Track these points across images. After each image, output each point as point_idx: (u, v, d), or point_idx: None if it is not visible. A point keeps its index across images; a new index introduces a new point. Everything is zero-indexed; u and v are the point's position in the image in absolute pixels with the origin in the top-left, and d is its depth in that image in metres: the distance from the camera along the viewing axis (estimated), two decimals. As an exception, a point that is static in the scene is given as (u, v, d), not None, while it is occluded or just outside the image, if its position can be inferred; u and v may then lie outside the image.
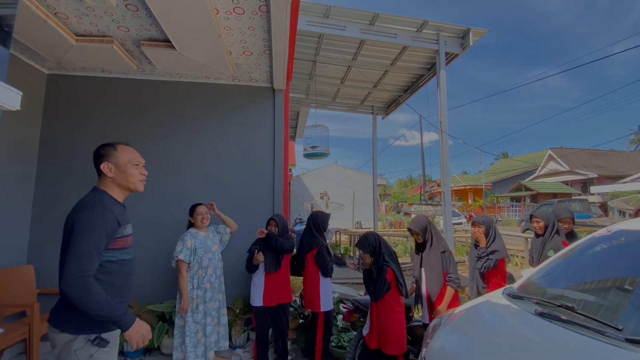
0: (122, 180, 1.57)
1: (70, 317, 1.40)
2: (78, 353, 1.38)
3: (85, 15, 2.71)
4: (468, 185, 31.89)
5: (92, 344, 1.40)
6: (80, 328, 1.40)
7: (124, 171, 1.57)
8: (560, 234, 3.17)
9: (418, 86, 6.30)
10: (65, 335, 1.40)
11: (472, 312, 2.24)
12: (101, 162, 1.55)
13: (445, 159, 4.66)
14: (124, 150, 1.59)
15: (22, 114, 3.49)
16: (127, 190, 1.62)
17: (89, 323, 1.41)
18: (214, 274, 3.06)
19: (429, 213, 11.88)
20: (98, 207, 1.46)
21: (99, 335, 1.41)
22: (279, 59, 3.35)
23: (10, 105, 0.77)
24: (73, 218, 1.44)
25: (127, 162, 1.57)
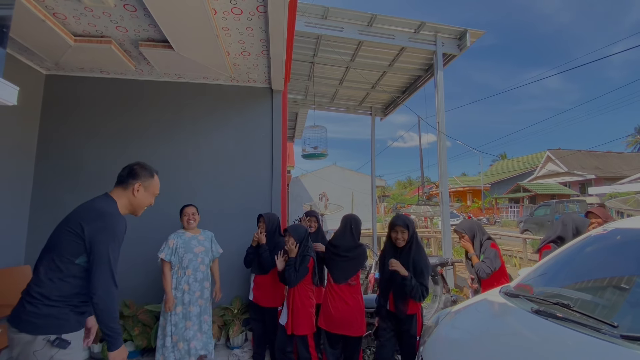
0: (138, 203, 1.64)
1: (30, 317, 1.36)
2: (37, 355, 1.34)
3: (84, 16, 2.72)
4: (467, 187, 31.93)
5: (52, 345, 1.35)
6: (39, 328, 1.36)
7: (145, 198, 1.66)
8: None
9: (416, 87, 6.33)
10: (24, 336, 1.35)
11: (470, 310, 2.25)
12: (137, 180, 1.62)
13: (443, 160, 4.67)
14: (156, 181, 1.71)
15: (20, 114, 3.50)
16: (132, 211, 1.67)
17: (48, 323, 1.37)
18: (192, 276, 2.92)
19: (428, 214, 11.89)
20: (117, 216, 1.54)
21: (59, 336, 1.38)
22: (277, 60, 3.36)
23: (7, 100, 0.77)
24: (95, 227, 1.44)
25: (153, 192, 1.69)
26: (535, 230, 13.71)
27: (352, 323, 2.51)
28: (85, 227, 1.44)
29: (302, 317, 2.62)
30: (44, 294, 1.40)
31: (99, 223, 1.45)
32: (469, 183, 33.34)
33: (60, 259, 1.43)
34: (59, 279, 1.42)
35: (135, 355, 3.29)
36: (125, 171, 1.63)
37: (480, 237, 2.79)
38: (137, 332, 3.21)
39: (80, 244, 1.44)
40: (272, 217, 3.16)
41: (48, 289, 1.41)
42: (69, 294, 1.44)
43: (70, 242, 1.44)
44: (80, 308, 1.48)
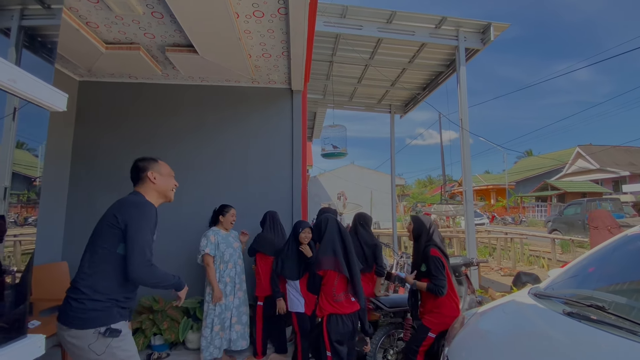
0: (163, 188, 1.74)
1: (77, 313, 1.44)
2: (93, 347, 1.41)
3: (114, 24, 2.85)
4: (490, 185, 30.97)
5: (105, 336, 1.43)
6: (87, 322, 1.43)
7: (165, 182, 1.75)
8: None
9: (437, 83, 6.20)
10: (75, 332, 1.42)
11: (496, 312, 2.19)
12: (146, 170, 1.70)
13: (466, 157, 4.56)
14: (163, 163, 1.80)
15: (56, 120, 3.71)
16: (164, 198, 1.77)
17: (94, 316, 1.44)
18: (233, 269, 3.17)
19: (450, 213, 11.64)
20: (148, 204, 1.65)
21: (109, 327, 1.45)
22: (297, 60, 3.40)
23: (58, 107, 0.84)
24: (127, 214, 1.55)
25: (168, 173, 1.79)
26: (565, 230, 13.11)
27: None
28: (119, 217, 1.54)
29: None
30: (88, 288, 1.48)
31: (132, 210, 1.57)
32: (492, 181, 32.32)
33: (102, 250, 1.53)
34: (102, 270, 1.51)
35: (164, 348, 3.42)
36: (132, 173, 1.73)
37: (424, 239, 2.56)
38: (166, 326, 3.34)
39: (117, 233, 1.53)
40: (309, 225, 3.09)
41: (92, 282, 1.49)
42: (113, 288, 1.52)
43: (108, 234, 1.54)
44: (123, 303, 1.56)
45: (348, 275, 2.25)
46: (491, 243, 11.48)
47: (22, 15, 0.84)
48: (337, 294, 2.24)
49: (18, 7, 0.85)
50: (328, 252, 2.29)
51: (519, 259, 9.55)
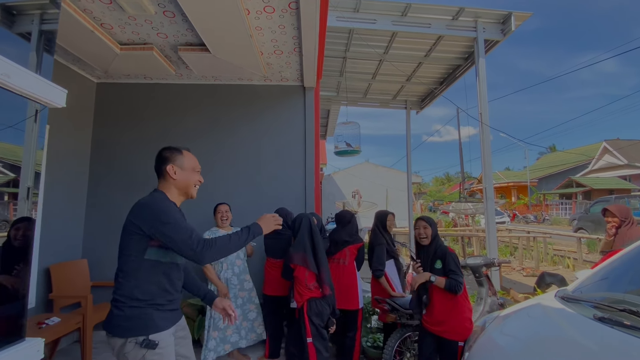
0: (183, 184, 1.58)
1: (118, 320, 1.41)
2: (128, 356, 1.39)
3: (128, 25, 2.88)
4: (511, 182, 30.03)
5: (141, 347, 1.38)
6: (127, 330, 1.40)
7: (187, 175, 1.58)
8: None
9: (455, 77, 6.00)
10: (117, 340, 1.41)
11: (521, 315, 2.07)
12: (167, 164, 1.56)
13: (486, 153, 4.37)
14: (188, 155, 1.62)
15: (75, 121, 3.80)
16: (185, 195, 1.62)
17: (134, 325, 1.41)
18: (229, 269, 3.10)
19: (469, 212, 11.32)
20: (157, 198, 1.51)
21: (147, 337, 1.40)
22: (309, 56, 3.34)
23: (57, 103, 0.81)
24: (142, 219, 1.44)
25: (190, 167, 1.61)
26: (592, 229, 12.51)
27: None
28: (136, 223, 1.44)
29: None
30: (125, 295, 1.44)
31: (144, 213, 1.46)
32: (513, 178, 31.33)
33: (131, 258, 1.46)
34: (135, 277, 1.44)
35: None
36: (155, 163, 1.60)
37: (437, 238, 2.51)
38: (181, 324, 3.36)
39: (139, 239, 1.44)
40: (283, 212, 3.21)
41: (127, 289, 1.44)
42: (151, 293, 1.45)
43: (132, 241, 1.46)
44: (165, 306, 1.48)
45: (315, 271, 2.53)
46: (512, 242, 11.10)
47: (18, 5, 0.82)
48: (308, 283, 2.52)
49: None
50: (299, 249, 2.58)
51: (542, 259, 9.18)
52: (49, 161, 3.39)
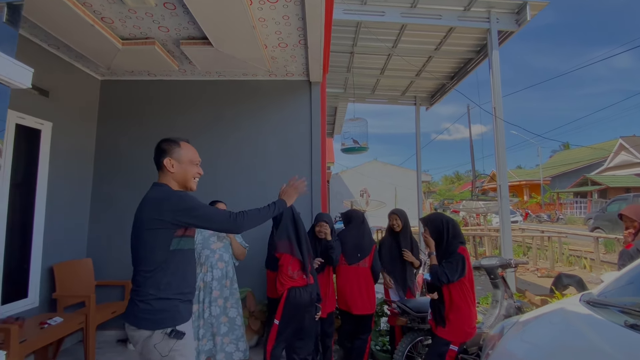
0: (180, 177, 1.58)
1: (146, 314, 1.42)
2: (158, 347, 1.41)
3: (128, 18, 2.80)
4: (523, 181, 29.36)
5: (170, 337, 1.41)
6: (156, 323, 1.42)
7: (184, 168, 1.57)
8: None
9: (466, 71, 5.80)
10: (143, 332, 1.42)
11: (543, 322, 1.92)
12: (164, 157, 1.55)
13: (500, 149, 4.17)
14: (186, 147, 1.61)
15: (79, 118, 3.76)
16: (184, 188, 1.61)
17: (163, 317, 1.43)
18: (209, 272, 2.80)
19: (480, 210, 11.05)
20: (175, 191, 1.54)
21: (175, 328, 1.43)
22: (314, 49, 3.22)
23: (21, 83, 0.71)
24: (166, 210, 1.44)
25: (188, 159, 1.59)
26: (609, 228, 12.07)
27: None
28: (164, 217, 1.44)
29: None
30: (153, 288, 1.44)
31: (168, 205, 1.45)
32: (525, 176, 30.64)
33: (155, 253, 1.45)
34: (162, 269, 1.45)
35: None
36: (155, 154, 1.59)
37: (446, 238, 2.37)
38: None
39: (167, 231, 1.45)
40: (330, 218, 3.08)
41: (154, 281, 1.44)
42: (177, 283, 1.48)
43: (158, 235, 1.45)
44: (188, 296, 1.53)
45: (300, 258, 2.55)
46: (525, 242, 10.79)
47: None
48: (292, 271, 2.56)
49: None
50: (283, 237, 2.60)
51: (558, 259, 8.88)
52: (53, 158, 3.35)
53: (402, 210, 3.23)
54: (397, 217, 3.14)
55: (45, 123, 3.28)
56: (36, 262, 3.16)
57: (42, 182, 3.25)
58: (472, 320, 2.31)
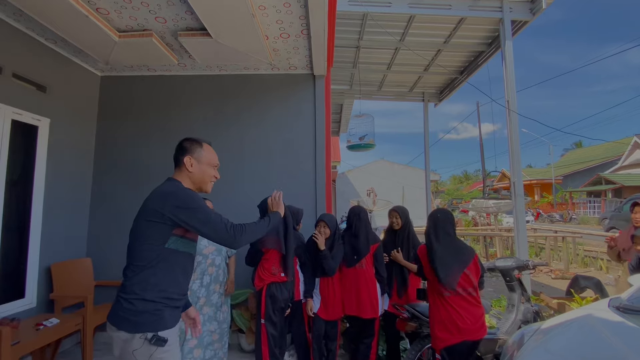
0: (198, 178, 1.55)
1: (128, 314, 1.32)
2: (136, 354, 1.30)
3: (124, 9, 2.70)
4: (534, 180, 28.76)
5: (150, 343, 1.30)
6: (137, 325, 1.32)
7: (203, 169, 1.56)
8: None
9: (477, 65, 5.58)
10: (122, 334, 1.32)
11: (569, 329, 1.74)
12: (185, 154, 1.53)
13: (514, 144, 3.96)
14: (208, 149, 1.60)
15: (78, 115, 3.68)
16: (198, 190, 1.59)
17: (144, 320, 1.32)
18: (199, 280, 2.66)
19: (490, 210, 10.76)
20: (186, 189, 1.49)
21: (156, 334, 1.32)
22: (317, 40, 3.07)
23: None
24: (169, 207, 1.38)
25: (208, 161, 1.58)
26: (625, 228, 11.66)
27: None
28: (161, 211, 1.37)
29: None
30: (139, 287, 1.35)
31: (172, 200, 1.39)
32: (536, 176, 30.00)
33: (148, 247, 1.38)
34: (151, 267, 1.36)
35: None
36: (176, 151, 1.57)
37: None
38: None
39: (163, 227, 1.38)
40: (333, 220, 2.87)
41: (140, 279, 1.36)
42: (165, 285, 1.38)
43: (151, 230, 1.39)
44: (175, 302, 1.43)
45: (284, 253, 2.57)
46: (538, 242, 10.48)
47: None
48: (275, 268, 2.57)
49: None
50: (272, 233, 2.53)
51: (572, 260, 8.58)
52: (51, 155, 3.27)
53: (403, 208, 3.06)
54: (397, 215, 2.98)
55: (42, 119, 3.20)
56: (33, 262, 3.08)
57: (40, 179, 3.17)
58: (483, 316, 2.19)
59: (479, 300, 2.15)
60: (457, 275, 2.10)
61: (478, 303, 2.13)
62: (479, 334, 2.10)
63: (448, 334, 2.09)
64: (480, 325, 2.11)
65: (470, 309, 2.10)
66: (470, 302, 2.11)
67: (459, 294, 2.10)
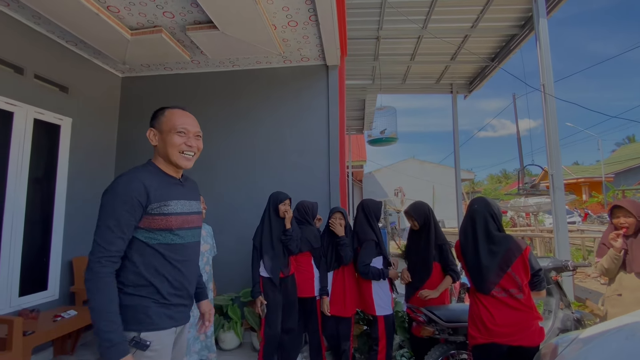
0: (162, 151, 1.30)
1: None
2: None
3: (132, 5, 2.72)
4: (581, 178, 26.46)
5: (129, 345, 1.14)
6: None
7: (164, 139, 1.29)
8: None
9: (509, 50, 5.13)
10: None
11: (616, 340, 1.44)
12: (150, 129, 1.33)
13: (552, 132, 3.52)
14: (172, 115, 1.32)
15: (101, 115, 3.81)
16: (171, 164, 1.32)
17: (126, 316, 1.15)
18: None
19: (530, 209, 9.97)
20: (124, 178, 1.23)
21: (138, 335, 1.16)
22: (326, 25, 2.93)
23: None
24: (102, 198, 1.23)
25: (170, 128, 1.29)
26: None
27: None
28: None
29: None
30: (122, 278, 1.21)
31: (104, 195, 1.22)
32: (583, 173, 27.62)
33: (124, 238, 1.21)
34: (130, 258, 1.21)
35: (198, 347, 3.24)
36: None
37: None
38: (196, 324, 3.15)
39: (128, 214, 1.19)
40: (345, 212, 2.84)
41: (123, 273, 1.21)
42: (149, 278, 1.22)
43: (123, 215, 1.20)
44: (168, 300, 1.24)
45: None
46: (586, 245, 9.51)
47: None
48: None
49: None
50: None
51: (627, 265, 7.65)
52: (73, 153, 3.39)
53: (417, 207, 2.70)
54: (411, 217, 2.66)
55: (64, 119, 3.33)
56: (56, 256, 3.20)
57: (62, 176, 3.30)
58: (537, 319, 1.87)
59: (527, 303, 1.79)
60: (496, 278, 1.79)
61: (523, 306, 1.78)
62: (521, 339, 1.76)
63: (476, 332, 1.84)
64: (518, 330, 1.76)
65: (506, 311, 1.78)
66: (508, 304, 1.78)
67: (494, 296, 1.80)
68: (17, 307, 2.80)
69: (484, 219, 1.89)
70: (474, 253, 1.87)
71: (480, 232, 1.88)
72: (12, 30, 2.85)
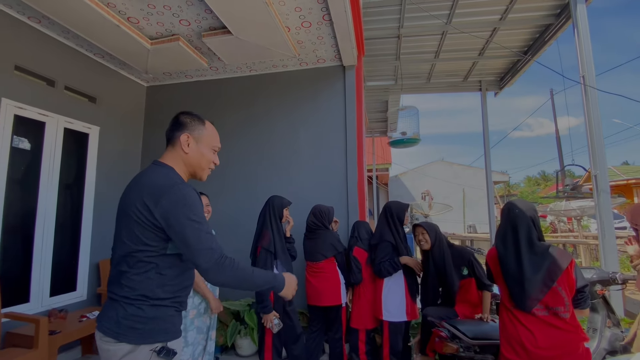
0: (194, 161, 1.27)
1: (133, 322, 1.11)
2: None
3: (150, 15, 2.80)
4: (632, 179, 24.17)
5: (158, 356, 1.12)
6: (144, 335, 1.11)
7: (202, 152, 1.28)
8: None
9: (544, 42, 4.74)
10: (124, 346, 1.10)
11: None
12: (182, 131, 1.25)
13: (595, 128, 3.15)
14: (210, 129, 1.32)
15: (127, 124, 3.96)
16: (192, 176, 1.31)
17: (154, 328, 1.13)
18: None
19: (573, 213, 9.19)
20: (189, 188, 1.18)
21: (165, 345, 1.14)
22: (340, 24, 2.84)
23: None
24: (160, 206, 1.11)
25: (209, 144, 1.30)
26: None
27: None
28: (152, 209, 1.11)
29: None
30: (147, 290, 1.14)
31: (165, 199, 1.12)
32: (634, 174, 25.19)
33: (149, 252, 1.14)
34: (157, 273, 1.15)
35: (217, 351, 3.24)
36: (170, 125, 1.30)
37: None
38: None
39: (159, 230, 1.12)
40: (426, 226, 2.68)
41: (148, 286, 1.14)
42: (174, 288, 1.19)
43: (149, 232, 1.13)
44: (183, 306, 1.26)
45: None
46: (639, 252, 8.58)
47: None
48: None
49: None
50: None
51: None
52: (101, 160, 3.54)
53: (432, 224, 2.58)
54: (424, 231, 2.54)
55: (92, 127, 3.49)
56: (84, 258, 3.34)
57: (90, 182, 3.45)
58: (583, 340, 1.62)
59: (573, 322, 1.56)
60: (540, 294, 1.56)
61: (568, 326, 1.56)
62: None
63: (513, 354, 1.59)
64: (563, 353, 1.53)
65: (550, 331, 1.56)
66: (552, 323, 1.56)
67: (535, 314, 1.57)
68: (48, 306, 2.95)
69: (527, 226, 1.65)
70: (516, 265, 1.62)
71: (523, 241, 1.63)
72: (45, 45, 3.03)
